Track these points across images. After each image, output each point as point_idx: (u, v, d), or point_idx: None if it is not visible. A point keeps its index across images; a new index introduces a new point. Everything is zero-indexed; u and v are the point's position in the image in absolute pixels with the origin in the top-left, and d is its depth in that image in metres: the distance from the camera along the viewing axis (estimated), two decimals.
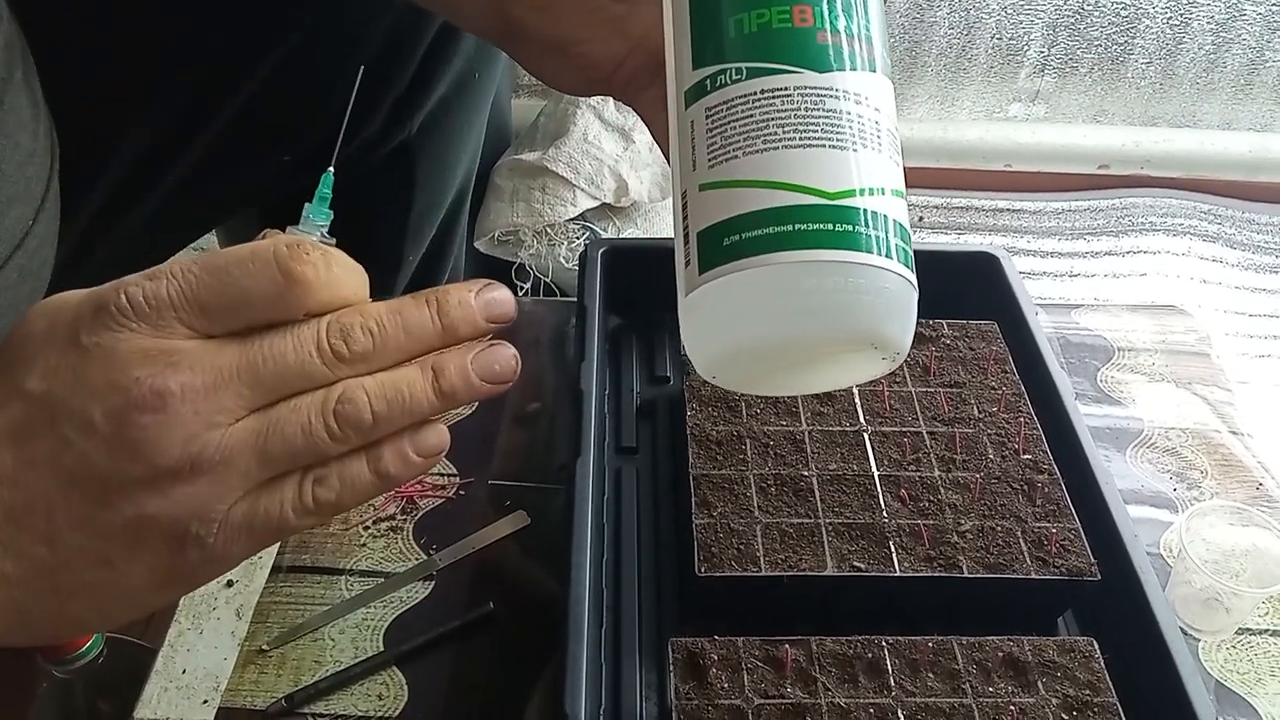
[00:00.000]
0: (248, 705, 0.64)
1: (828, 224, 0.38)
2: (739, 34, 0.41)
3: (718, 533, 0.65)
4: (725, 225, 0.39)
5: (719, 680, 0.59)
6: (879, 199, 0.39)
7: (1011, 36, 1.77)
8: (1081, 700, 0.58)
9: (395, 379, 0.36)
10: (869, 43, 0.42)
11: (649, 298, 0.85)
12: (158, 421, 0.33)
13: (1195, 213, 1.82)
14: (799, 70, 0.40)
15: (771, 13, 0.41)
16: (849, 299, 0.38)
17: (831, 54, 0.40)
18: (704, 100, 0.41)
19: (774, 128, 0.39)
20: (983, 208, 1.83)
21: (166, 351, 0.34)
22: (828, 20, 0.41)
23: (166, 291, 0.34)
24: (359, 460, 0.36)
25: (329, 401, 0.35)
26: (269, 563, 0.72)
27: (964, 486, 0.69)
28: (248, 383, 0.34)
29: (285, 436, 0.35)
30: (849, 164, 0.39)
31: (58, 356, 0.34)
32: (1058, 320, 0.94)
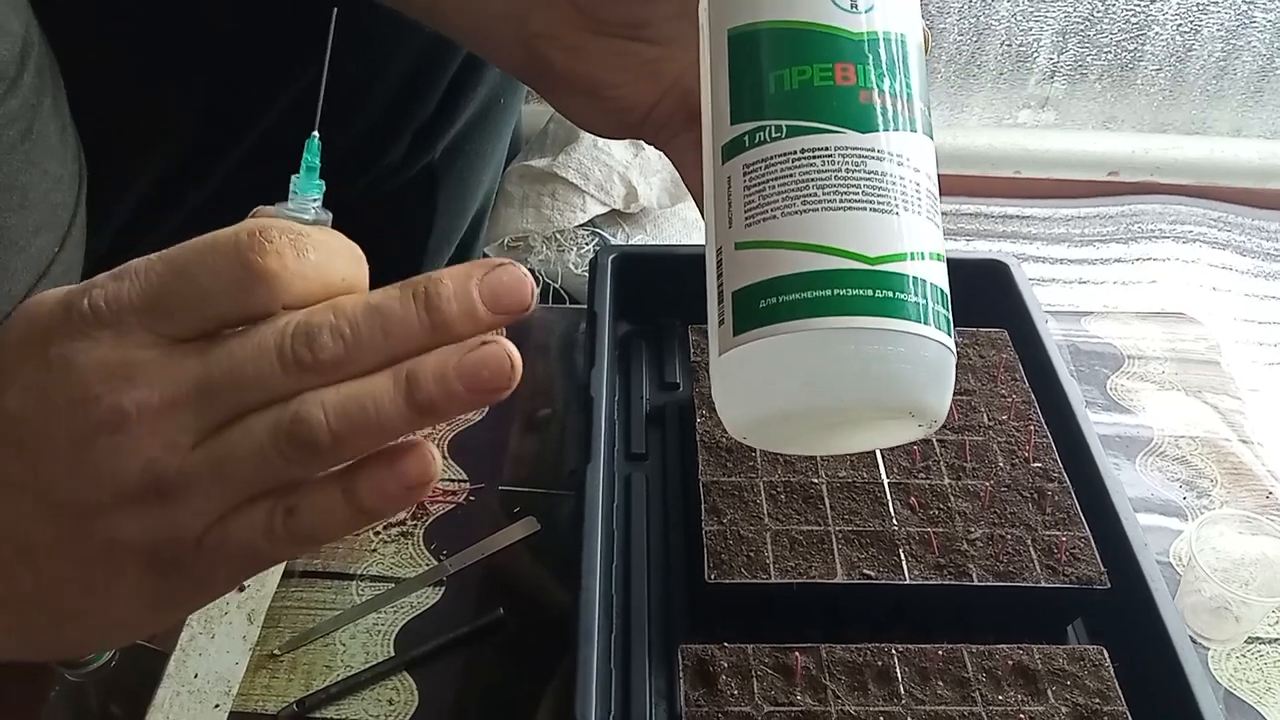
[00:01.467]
0: (259, 710, 0.64)
1: (868, 290, 0.37)
2: (779, 90, 0.40)
3: (727, 540, 0.65)
4: (762, 287, 0.38)
5: (729, 687, 0.59)
6: (919, 264, 0.38)
7: (1021, 43, 1.77)
8: (1091, 709, 0.58)
9: (359, 391, 0.31)
10: (910, 101, 0.41)
11: (659, 304, 0.86)
12: (116, 444, 0.31)
13: (1205, 220, 1.81)
14: (841, 130, 0.39)
15: (814, 70, 0.40)
16: (887, 368, 0.37)
17: (873, 114, 0.40)
18: (742, 157, 0.40)
19: (814, 188, 0.38)
20: (992, 214, 1.83)
21: (126, 364, 0.31)
22: (870, 79, 0.40)
23: (127, 294, 0.31)
24: (333, 490, 0.32)
25: (281, 421, 0.31)
26: (280, 567, 0.72)
27: (974, 494, 0.69)
28: (206, 397, 0.31)
29: (239, 460, 0.31)
30: (890, 228, 0.38)
31: (29, 370, 0.32)
32: (1067, 328, 0.94)
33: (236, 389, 0.31)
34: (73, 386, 0.31)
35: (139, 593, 0.34)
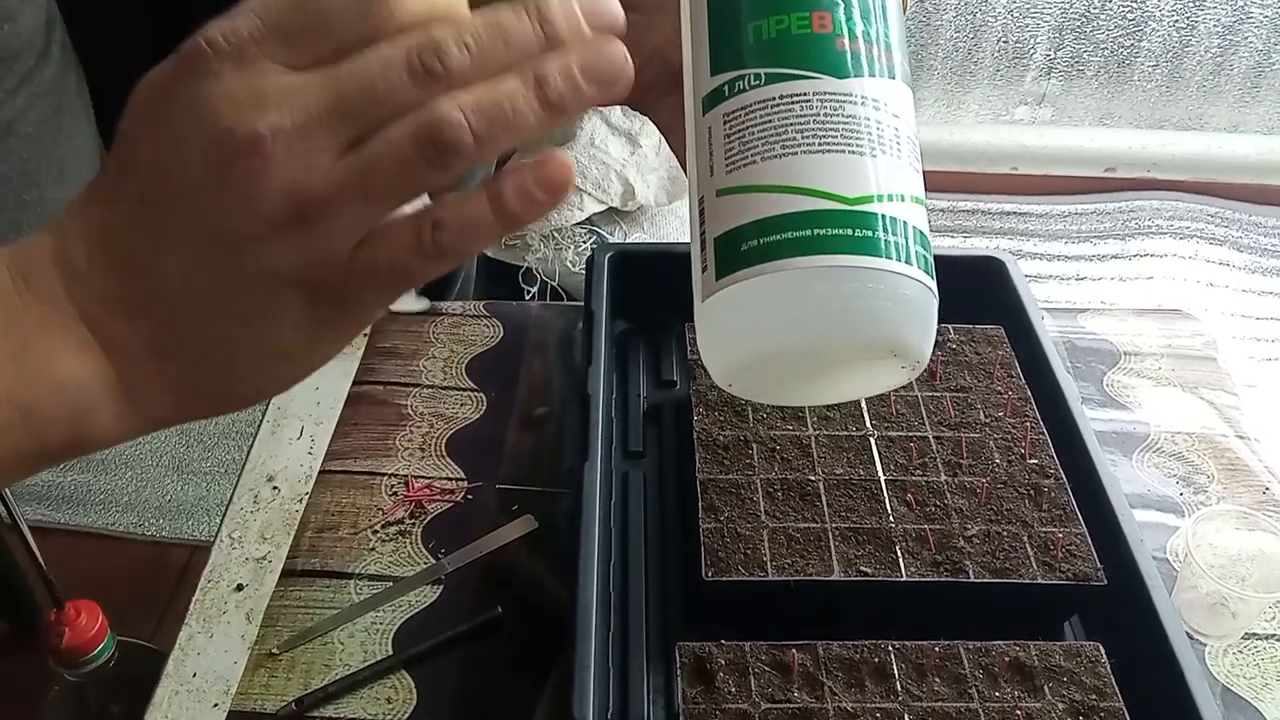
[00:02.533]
0: (258, 708, 0.64)
1: (847, 229, 0.37)
2: (757, 40, 0.41)
3: (724, 537, 0.65)
4: (743, 230, 0.38)
5: (726, 684, 0.59)
6: (898, 205, 0.38)
7: (1018, 40, 1.77)
8: (1088, 705, 0.59)
9: (494, 92, 0.32)
10: (888, 49, 0.41)
11: (656, 302, 0.86)
12: (256, 170, 0.31)
13: (1202, 215, 1.82)
14: (818, 76, 0.39)
15: (791, 19, 0.41)
16: (868, 305, 0.37)
17: (850, 60, 0.40)
18: (722, 106, 0.41)
19: (793, 133, 0.39)
20: (989, 210, 1.84)
21: (254, 93, 0.31)
22: (846, 27, 0.41)
23: (245, 26, 0.32)
24: (479, 198, 0.33)
25: (422, 125, 0.32)
26: (279, 567, 0.72)
27: (970, 491, 0.69)
28: (339, 115, 0.31)
29: (383, 170, 0.32)
30: (868, 170, 0.38)
31: (159, 121, 0.33)
32: (1064, 324, 0.94)
33: (369, 104, 0.32)
34: (204, 122, 0.31)
35: (295, 322, 0.34)
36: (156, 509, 1.46)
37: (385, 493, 0.77)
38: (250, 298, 0.34)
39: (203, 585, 0.71)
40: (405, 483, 0.77)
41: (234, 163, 0.31)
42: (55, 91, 0.56)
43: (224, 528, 0.75)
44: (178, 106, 0.32)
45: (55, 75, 0.57)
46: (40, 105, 0.55)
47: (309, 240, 0.32)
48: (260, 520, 0.75)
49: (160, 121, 0.33)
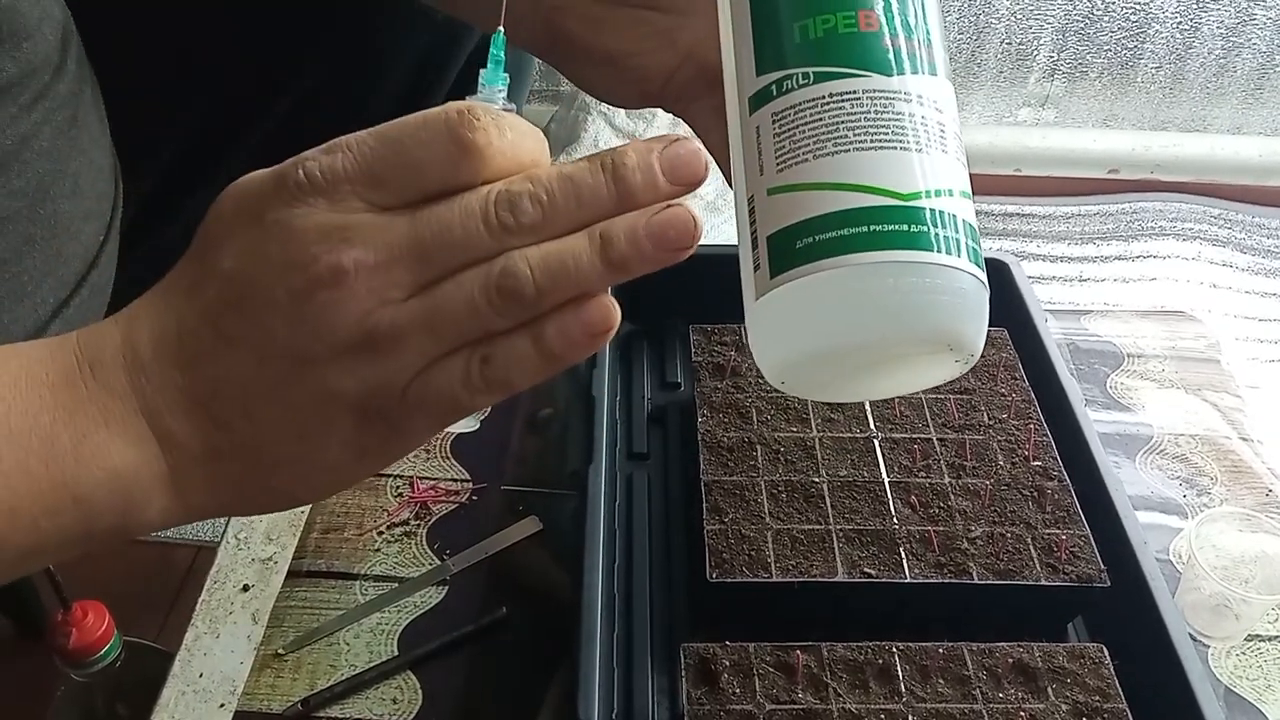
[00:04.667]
0: (264, 709, 0.64)
1: (902, 225, 0.37)
2: (804, 39, 0.41)
3: (729, 539, 0.66)
4: (797, 228, 0.39)
5: (730, 685, 0.59)
6: (949, 200, 0.39)
7: (1021, 41, 1.77)
8: (1091, 706, 0.59)
9: (560, 249, 0.34)
10: (930, 46, 0.42)
11: (660, 304, 0.86)
12: (334, 298, 0.33)
13: (1205, 217, 1.81)
14: (866, 74, 0.40)
15: (837, 18, 0.41)
16: (926, 299, 0.38)
17: (896, 58, 0.41)
18: (770, 105, 0.41)
19: (844, 130, 0.39)
20: (992, 212, 1.83)
21: (341, 227, 0.34)
22: (891, 25, 0.41)
23: (341, 165, 0.34)
24: (524, 337, 0.35)
25: (491, 275, 0.34)
26: (284, 567, 0.72)
27: (974, 493, 0.69)
28: (417, 257, 0.34)
29: (451, 312, 0.34)
30: (919, 166, 0.39)
31: (245, 235, 0.35)
32: (1067, 326, 0.94)
33: (445, 249, 0.34)
34: (291, 247, 0.34)
35: (346, 441, 0.36)
36: None
37: (390, 494, 0.77)
38: (308, 414, 0.36)
39: (209, 586, 0.71)
40: (410, 484, 0.78)
41: (315, 290, 0.33)
42: (70, 105, 0.57)
43: (230, 529, 0.75)
44: (267, 227, 0.34)
45: (71, 89, 0.57)
46: (56, 119, 0.56)
47: (373, 369, 0.34)
48: (266, 521, 0.75)
49: (247, 237, 0.35)
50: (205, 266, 0.35)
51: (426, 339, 0.34)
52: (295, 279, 0.34)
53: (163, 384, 0.35)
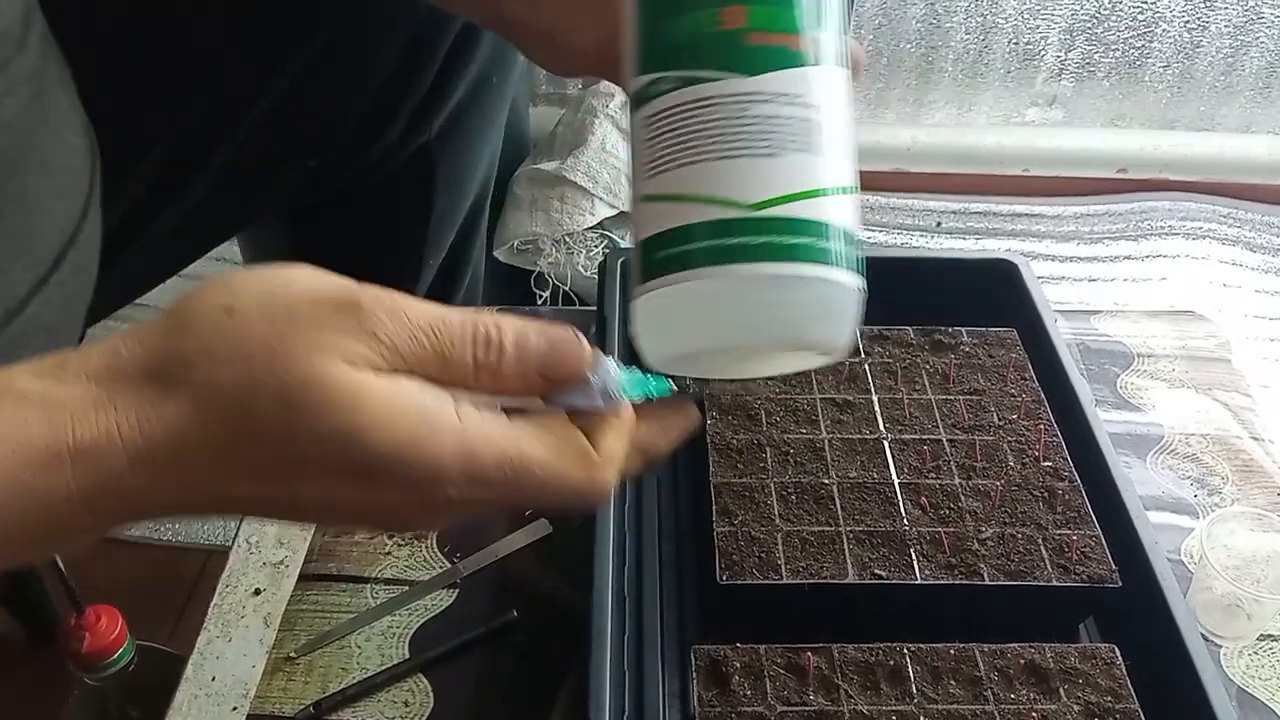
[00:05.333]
0: (276, 712, 0.65)
1: (745, 237, 0.38)
2: (671, 41, 0.41)
3: (739, 541, 0.66)
4: (657, 239, 0.40)
5: (742, 688, 0.59)
6: (804, 203, 0.39)
7: (1028, 41, 1.77)
8: (1104, 707, 0.59)
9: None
10: (810, 35, 0.41)
11: None
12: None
13: (1215, 216, 1.81)
14: (726, 76, 0.40)
15: (701, 16, 0.41)
16: (769, 311, 0.39)
17: (762, 55, 0.40)
18: (644, 109, 0.42)
19: (699, 139, 0.40)
20: (1000, 213, 1.83)
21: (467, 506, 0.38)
22: (759, 19, 0.41)
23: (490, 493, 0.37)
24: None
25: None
26: (295, 571, 0.72)
27: (984, 494, 0.69)
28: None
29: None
30: (772, 171, 0.39)
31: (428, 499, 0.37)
32: (1077, 326, 0.94)
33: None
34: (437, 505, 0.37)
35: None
36: None
37: None
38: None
39: (220, 590, 0.72)
40: None
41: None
42: (34, 81, 0.57)
43: (241, 533, 0.75)
44: (442, 500, 0.37)
45: (35, 65, 0.57)
46: (20, 93, 0.56)
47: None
48: (277, 525, 0.76)
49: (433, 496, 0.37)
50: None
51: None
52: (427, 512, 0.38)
53: (154, 507, 0.36)
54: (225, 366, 0.34)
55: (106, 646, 0.73)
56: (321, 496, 0.35)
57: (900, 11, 1.75)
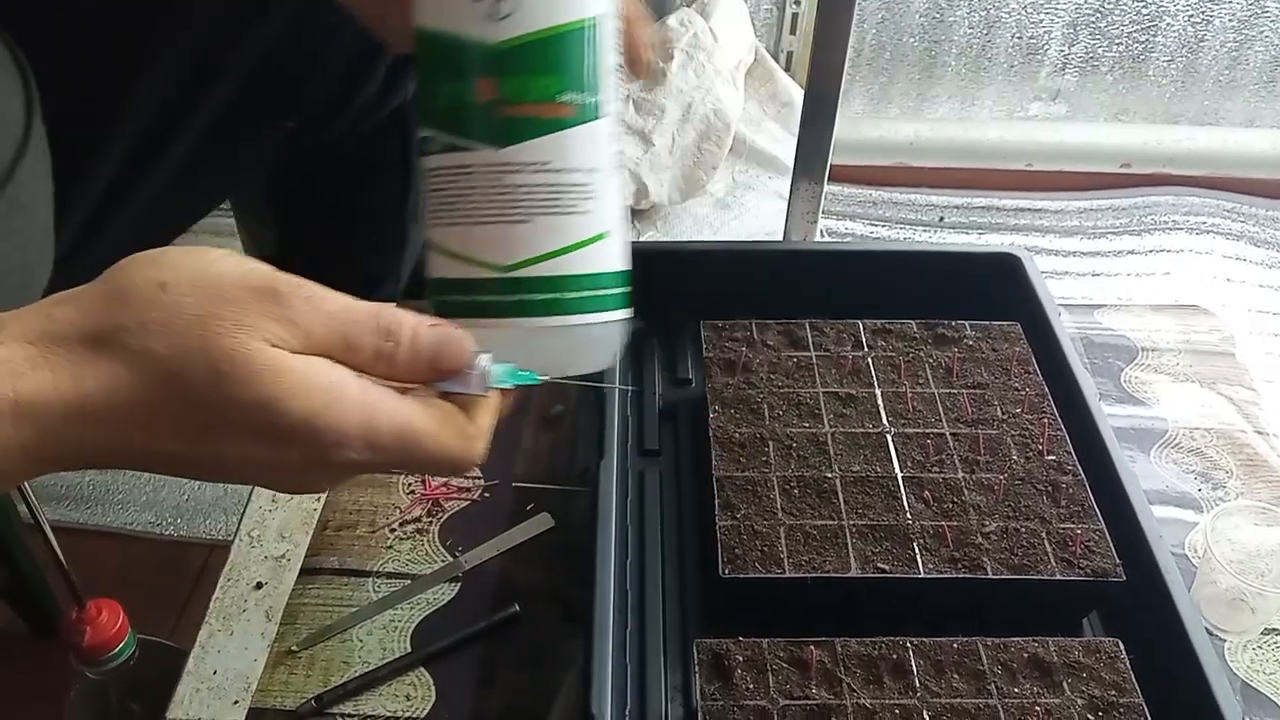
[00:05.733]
0: (278, 705, 0.65)
1: (499, 295, 0.44)
2: (438, 104, 0.46)
3: (741, 534, 0.66)
4: (440, 283, 0.46)
5: (744, 681, 0.59)
6: (552, 262, 0.45)
7: (1032, 35, 1.77)
8: (1107, 701, 0.59)
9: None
10: (562, 99, 0.45)
11: (671, 300, 0.86)
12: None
13: (1219, 211, 1.81)
14: (480, 147, 0.45)
15: (460, 87, 0.45)
16: (533, 352, 0.45)
17: (511, 127, 0.44)
18: (424, 160, 0.47)
19: (460, 204, 0.45)
20: (1004, 207, 1.83)
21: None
22: (511, 90, 0.45)
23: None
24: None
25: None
26: (297, 565, 0.72)
27: (988, 488, 0.69)
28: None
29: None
30: (523, 236, 0.44)
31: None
32: (1081, 320, 0.93)
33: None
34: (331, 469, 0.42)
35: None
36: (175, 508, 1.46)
37: (403, 491, 0.77)
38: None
39: (222, 583, 0.72)
40: (422, 481, 0.78)
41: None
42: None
43: (243, 526, 0.75)
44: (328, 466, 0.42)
45: None
46: None
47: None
48: (279, 519, 0.76)
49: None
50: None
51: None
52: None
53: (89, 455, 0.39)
54: (159, 337, 0.38)
55: (108, 640, 0.72)
56: (239, 456, 0.40)
57: (904, 6, 1.75)
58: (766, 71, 1.70)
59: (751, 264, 0.88)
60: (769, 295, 0.83)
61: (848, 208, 1.83)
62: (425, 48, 0.47)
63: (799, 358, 0.78)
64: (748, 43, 1.65)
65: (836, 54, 0.87)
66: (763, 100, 1.70)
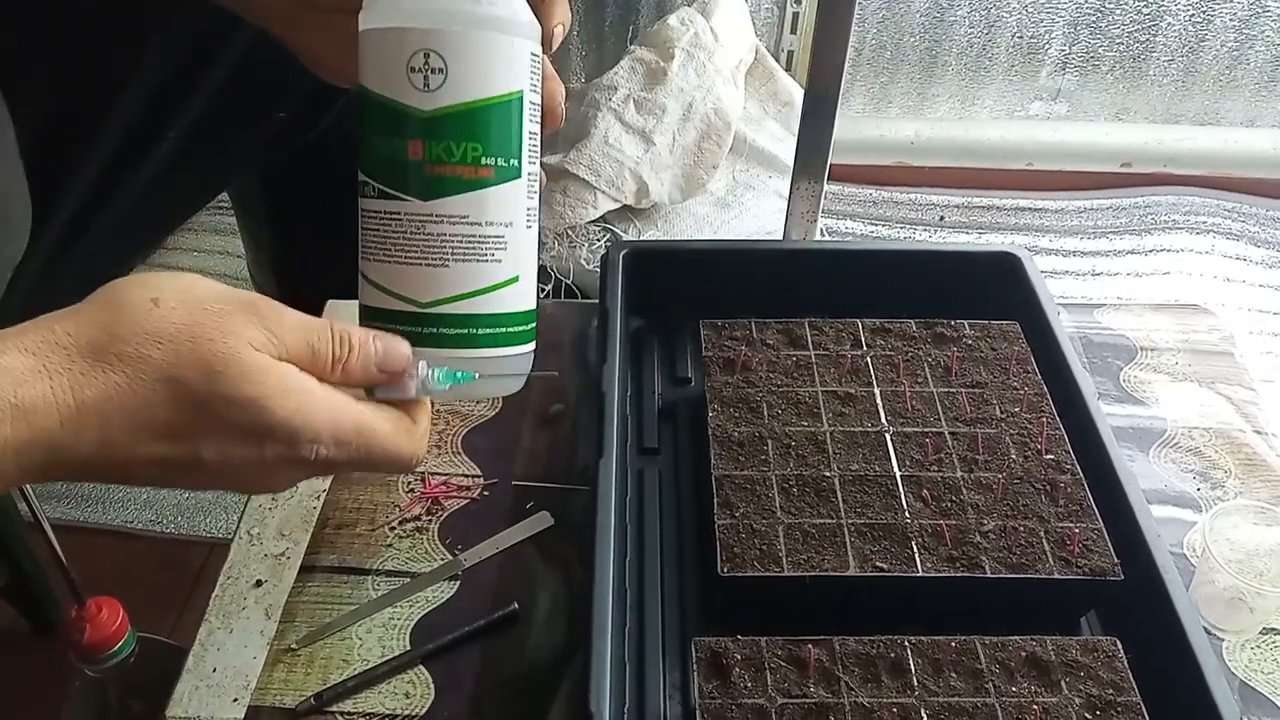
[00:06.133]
0: (277, 703, 0.65)
1: (419, 327, 0.50)
2: (376, 155, 0.53)
3: (740, 533, 0.66)
4: (363, 310, 0.52)
5: (742, 680, 0.59)
6: (467, 301, 0.51)
7: (1032, 35, 1.77)
8: (1105, 700, 0.59)
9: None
10: (484, 162, 0.53)
11: (670, 299, 0.86)
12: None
13: (1219, 210, 1.81)
14: (409, 199, 0.52)
15: (395, 143, 0.52)
16: (439, 387, 0.52)
17: (437, 183, 0.52)
18: (361, 201, 0.54)
19: (389, 245, 0.52)
20: (1004, 207, 1.83)
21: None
22: (437, 152, 0.52)
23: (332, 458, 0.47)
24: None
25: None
26: (297, 563, 0.72)
27: (986, 487, 0.69)
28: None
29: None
30: (441, 278, 0.51)
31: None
32: (1080, 320, 0.93)
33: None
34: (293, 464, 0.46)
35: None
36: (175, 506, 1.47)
37: (402, 489, 0.77)
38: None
39: (222, 581, 0.72)
40: (422, 479, 0.78)
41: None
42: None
43: (243, 524, 0.75)
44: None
45: None
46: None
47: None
48: (278, 517, 0.76)
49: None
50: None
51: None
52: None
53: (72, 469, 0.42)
54: (154, 345, 0.42)
55: (107, 638, 0.73)
56: (216, 455, 0.44)
57: (904, 5, 1.75)
58: (767, 71, 1.70)
59: (751, 263, 0.88)
60: (768, 294, 0.83)
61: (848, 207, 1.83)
62: (366, 107, 0.54)
63: (798, 357, 0.78)
64: (748, 42, 1.65)
65: (837, 53, 0.87)
66: (763, 99, 1.70)
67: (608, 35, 1.77)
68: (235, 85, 0.80)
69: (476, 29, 0.54)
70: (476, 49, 0.54)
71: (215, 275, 1.68)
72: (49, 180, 0.72)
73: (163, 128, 0.80)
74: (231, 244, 1.72)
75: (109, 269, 0.84)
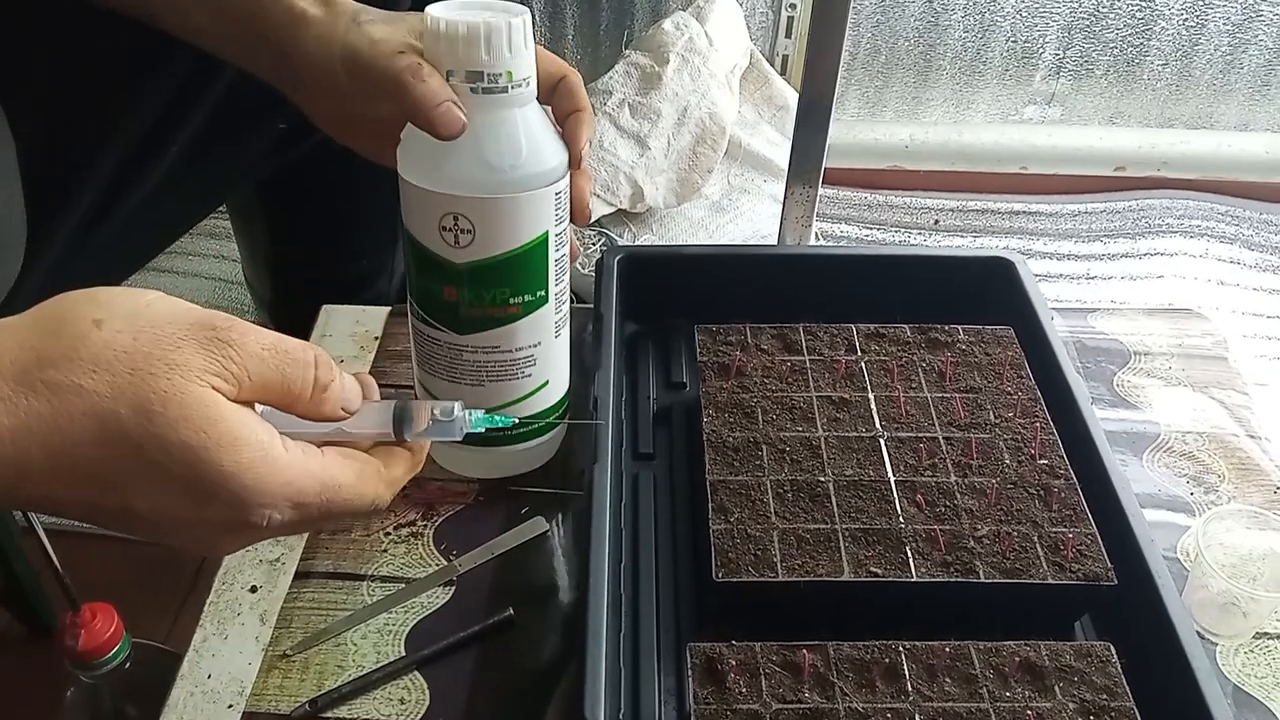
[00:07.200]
0: (272, 709, 0.65)
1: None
2: (418, 289, 0.66)
3: (735, 538, 0.66)
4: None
5: (737, 685, 0.59)
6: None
7: (1026, 39, 1.77)
8: (1099, 705, 0.59)
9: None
10: (515, 300, 0.64)
11: (665, 304, 0.86)
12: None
13: (1213, 214, 1.81)
14: (447, 332, 0.66)
15: (434, 285, 0.64)
16: (483, 466, 0.75)
17: (470, 322, 0.64)
18: (410, 318, 0.68)
19: (434, 363, 0.68)
20: (998, 210, 1.83)
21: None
22: (468, 298, 0.63)
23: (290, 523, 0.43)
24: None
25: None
26: (292, 568, 0.72)
27: (980, 492, 0.69)
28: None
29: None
30: (478, 395, 0.67)
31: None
32: (1074, 324, 0.94)
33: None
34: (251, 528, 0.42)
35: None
36: None
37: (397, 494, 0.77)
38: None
39: (216, 587, 0.72)
40: (417, 484, 0.78)
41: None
42: None
43: None
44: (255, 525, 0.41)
45: None
46: None
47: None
48: None
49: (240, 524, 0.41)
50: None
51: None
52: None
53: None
54: (88, 373, 0.36)
55: (102, 644, 0.72)
56: (150, 509, 0.38)
57: (899, 9, 1.75)
58: (762, 75, 1.70)
59: (746, 267, 0.89)
60: (763, 299, 0.83)
61: (842, 211, 1.83)
62: (409, 245, 0.63)
63: (793, 362, 0.78)
64: (743, 46, 1.65)
65: (831, 58, 0.88)
66: (758, 104, 1.70)
67: (602, 40, 1.77)
68: (236, 99, 0.80)
69: (501, 193, 0.59)
70: (503, 211, 0.60)
71: (210, 279, 1.69)
72: (48, 199, 0.72)
73: (164, 143, 0.80)
74: (227, 248, 1.72)
75: (106, 285, 0.84)
